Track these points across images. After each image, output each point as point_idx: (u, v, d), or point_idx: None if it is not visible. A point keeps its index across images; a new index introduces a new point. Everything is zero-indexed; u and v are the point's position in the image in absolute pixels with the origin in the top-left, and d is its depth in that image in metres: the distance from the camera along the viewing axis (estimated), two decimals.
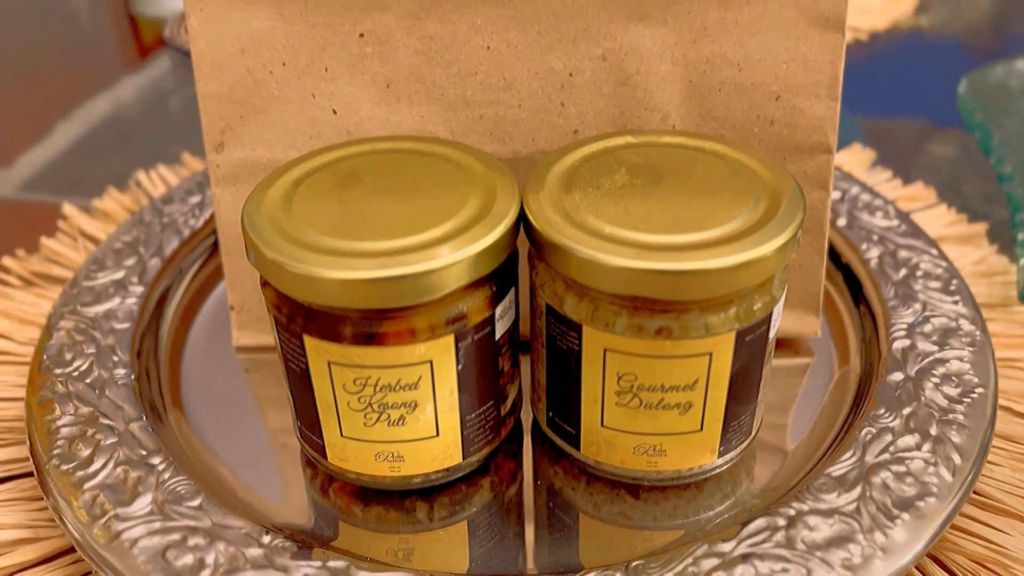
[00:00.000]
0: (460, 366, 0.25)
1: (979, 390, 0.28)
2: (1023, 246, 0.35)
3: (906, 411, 0.27)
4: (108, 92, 0.61)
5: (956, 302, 0.31)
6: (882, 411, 0.27)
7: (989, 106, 0.44)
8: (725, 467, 0.28)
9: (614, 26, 0.29)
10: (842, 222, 0.35)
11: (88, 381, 0.29)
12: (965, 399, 0.27)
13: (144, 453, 0.27)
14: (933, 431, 0.26)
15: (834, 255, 0.35)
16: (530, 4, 0.29)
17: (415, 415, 0.25)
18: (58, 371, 0.29)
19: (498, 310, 0.25)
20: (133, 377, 0.30)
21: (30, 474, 0.29)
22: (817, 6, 0.28)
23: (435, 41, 0.29)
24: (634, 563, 0.24)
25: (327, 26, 0.29)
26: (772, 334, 0.26)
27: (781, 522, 0.24)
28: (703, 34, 0.29)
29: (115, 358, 0.30)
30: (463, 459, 0.27)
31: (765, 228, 0.24)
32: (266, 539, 0.24)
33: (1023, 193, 0.37)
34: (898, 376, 0.28)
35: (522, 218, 0.25)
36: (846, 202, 0.36)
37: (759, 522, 0.24)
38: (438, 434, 0.26)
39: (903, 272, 0.32)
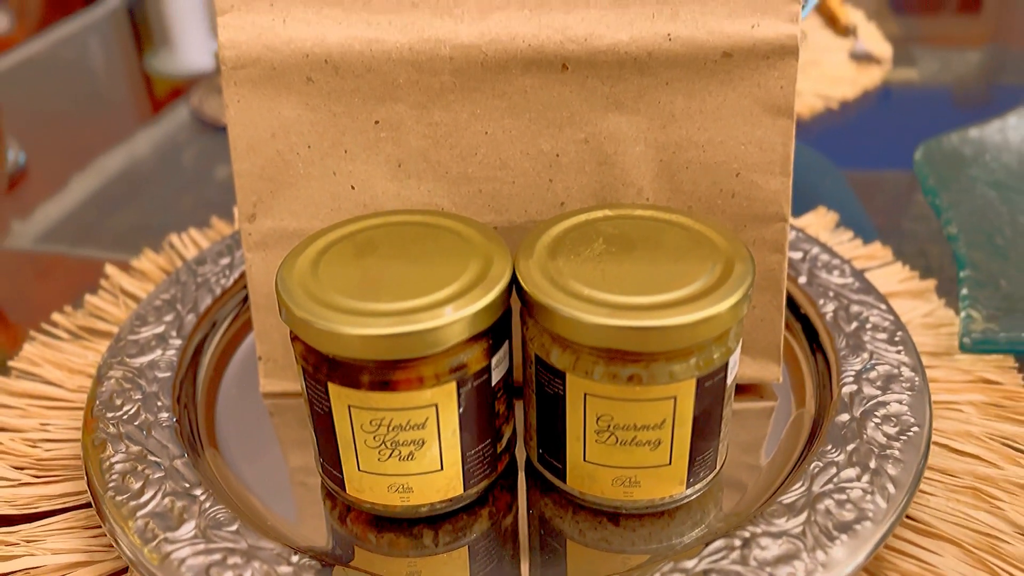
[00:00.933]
0: (461, 409, 0.29)
1: (914, 429, 0.31)
2: (965, 300, 0.39)
3: (850, 447, 0.31)
4: (123, 146, 0.66)
5: (899, 352, 0.35)
6: (829, 447, 0.31)
7: (941, 172, 0.48)
8: (694, 496, 0.31)
9: (594, 114, 0.33)
10: (803, 280, 0.40)
11: (136, 423, 0.33)
12: (902, 437, 0.31)
13: (187, 486, 0.31)
14: (872, 464, 0.30)
15: (796, 309, 0.39)
16: (522, 96, 0.33)
17: (422, 451, 0.29)
18: (110, 415, 0.33)
19: (494, 360, 0.29)
20: (175, 420, 0.34)
21: (83, 506, 0.33)
22: (769, 96, 0.33)
23: (440, 127, 0.34)
24: None
25: (346, 114, 0.34)
26: (730, 380, 0.30)
27: (737, 543, 0.28)
28: (671, 120, 0.33)
29: (159, 403, 0.34)
30: (464, 491, 0.31)
31: (720, 289, 0.28)
32: (294, 559, 0.28)
33: (966, 252, 0.42)
34: (845, 417, 0.32)
35: (514, 281, 0.29)
36: (807, 262, 0.41)
37: (719, 543, 0.28)
38: (442, 468, 0.30)
39: (854, 325, 0.37)
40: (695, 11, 0.32)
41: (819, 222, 0.48)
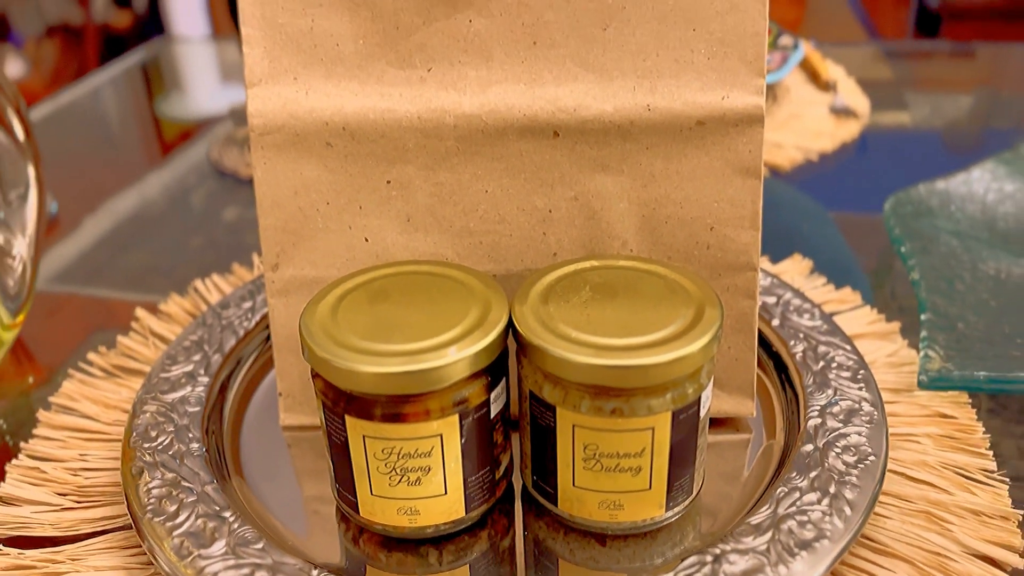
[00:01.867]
0: (463, 439, 0.33)
1: (871, 458, 0.35)
2: (924, 341, 0.43)
3: (812, 474, 0.34)
4: (134, 188, 0.70)
5: (861, 388, 0.39)
6: (794, 474, 0.35)
7: (907, 222, 0.52)
8: (673, 519, 0.35)
9: (582, 175, 0.37)
10: (776, 322, 0.43)
11: (170, 453, 0.37)
12: (859, 465, 0.35)
13: (217, 508, 0.34)
14: (832, 489, 0.34)
15: (769, 348, 0.43)
16: (518, 158, 0.37)
17: (429, 477, 0.33)
18: (146, 445, 0.37)
19: (492, 395, 0.33)
20: (204, 450, 0.37)
21: (120, 528, 0.36)
22: (738, 159, 0.37)
23: (445, 186, 0.38)
24: None
25: (361, 175, 0.38)
26: (703, 413, 0.33)
27: (709, 558, 0.31)
28: (651, 180, 0.37)
29: (190, 435, 0.38)
30: (466, 513, 0.34)
31: (692, 332, 0.32)
32: (314, 573, 0.31)
33: (927, 297, 0.45)
34: (809, 447, 0.36)
35: (510, 325, 0.33)
36: (780, 306, 0.44)
37: (692, 559, 0.31)
38: (446, 492, 0.33)
39: (821, 364, 0.40)
40: (671, 84, 0.36)
41: (795, 268, 0.52)
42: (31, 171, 0.49)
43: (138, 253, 0.60)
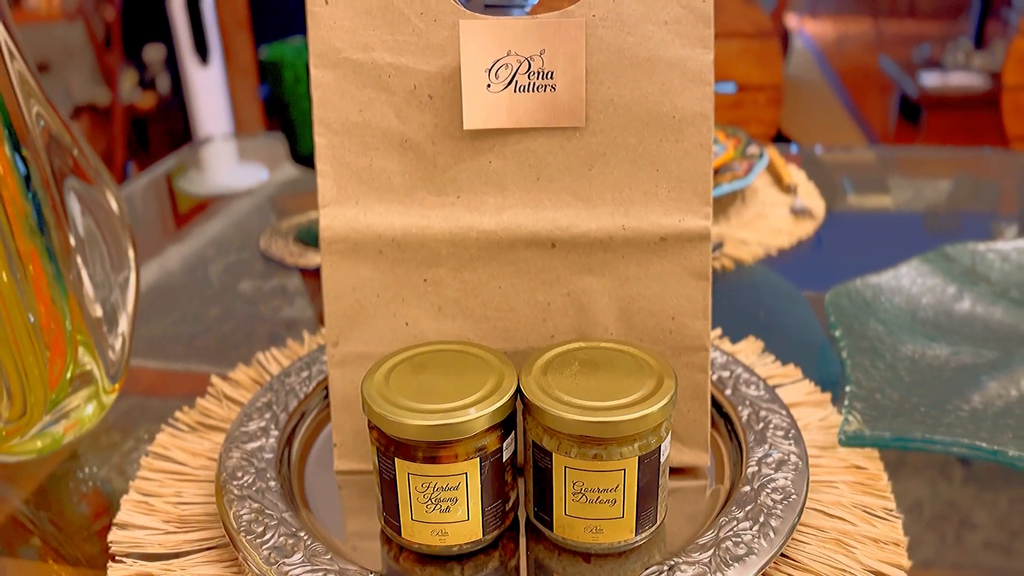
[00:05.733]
0: (482, 477, 0.43)
1: (793, 497, 0.46)
2: (846, 408, 0.54)
3: (747, 508, 0.45)
4: (155, 261, 0.80)
5: (791, 444, 0.49)
6: (734, 509, 0.45)
7: (843, 309, 0.64)
8: (642, 542, 0.45)
9: (573, 276, 0.49)
10: (728, 392, 0.54)
11: (254, 489, 0.47)
12: (784, 502, 0.45)
13: (294, 529, 0.45)
14: (761, 519, 0.44)
15: (722, 411, 0.54)
16: (525, 263, 0.49)
17: (456, 506, 0.43)
18: (234, 483, 0.48)
19: (505, 444, 0.44)
20: (279, 487, 0.48)
21: (214, 547, 0.47)
22: (692, 266, 0.48)
23: (468, 283, 0.49)
24: None
25: (405, 274, 0.49)
26: (663, 459, 0.44)
27: (665, 568, 0.42)
28: (626, 281, 0.49)
29: (268, 475, 0.48)
30: (483, 535, 0.45)
31: (653, 397, 0.43)
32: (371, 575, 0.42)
33: (851, 372, 0.56)
34: (747, 488, 0.46)
35: (518, 390, 0.44)
36: (732, 379, 0.55)
37: (652, 568, 0.42)
38: (468, 519, 0.44)
39: (761, 425, 0.51)
40: (641, 210, 0.48)
41: (749, 348, 0.63)
42: (131, 253, 0.60)
43: (160, 323, 0.71)
